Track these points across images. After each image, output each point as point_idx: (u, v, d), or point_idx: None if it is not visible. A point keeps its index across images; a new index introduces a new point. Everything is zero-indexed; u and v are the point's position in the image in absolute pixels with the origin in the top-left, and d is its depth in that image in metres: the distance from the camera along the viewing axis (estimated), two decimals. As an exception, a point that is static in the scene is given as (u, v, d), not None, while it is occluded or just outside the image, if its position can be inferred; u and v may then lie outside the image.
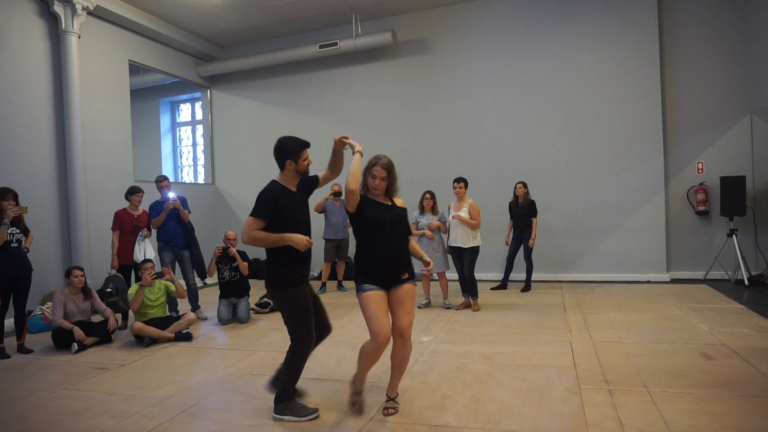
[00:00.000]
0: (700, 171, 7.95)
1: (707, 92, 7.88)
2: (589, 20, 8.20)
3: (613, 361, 4.19)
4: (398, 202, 3.37)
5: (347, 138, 3.24)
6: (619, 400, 3.37)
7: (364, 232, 3.25)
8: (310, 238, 3.29)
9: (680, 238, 8.06)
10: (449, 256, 6.58)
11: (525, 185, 7.55)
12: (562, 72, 8.36)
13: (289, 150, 3.30)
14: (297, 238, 3.18)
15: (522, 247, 7.55)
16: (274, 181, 3.35)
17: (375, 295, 3.16)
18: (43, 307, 6.32)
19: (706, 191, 7.82)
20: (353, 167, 3.14)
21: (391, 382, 3.38)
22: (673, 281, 7.83)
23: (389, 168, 3.24)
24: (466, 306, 6.48)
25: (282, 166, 3.34)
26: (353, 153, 3.19)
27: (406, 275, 3.25)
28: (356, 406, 3.35)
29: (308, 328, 3.30)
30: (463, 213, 6.32)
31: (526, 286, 7.58)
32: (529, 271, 7.59)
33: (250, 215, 3.21)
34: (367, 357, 3.24)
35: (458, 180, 6.48)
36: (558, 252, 8.38)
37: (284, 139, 3.35)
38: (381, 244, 3.19)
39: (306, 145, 3.35)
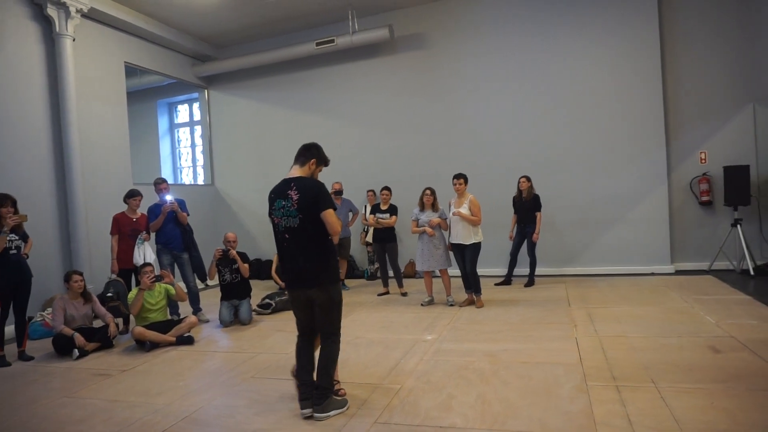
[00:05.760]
0: (703, 161, 7.87)
1: (709, 81, 7.78)
2: (588, 12, 8.09)
3: (619, 356, 4.13)
4: None
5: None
6: (627, 397, 3.31)
7: None
8: None
9: (684, 229, 7.98)
10: (451, 253, 6.52)
11: (528, 179, 7.49)
12: (562, 65, 8.27)
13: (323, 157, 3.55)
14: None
15: (526, 241, 7.50)
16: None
17: None
18: (43, 313, 6.27)
19: (710, 181, 7.74)
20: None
21: None
22: (678, 273, 7.75)
23: None
24: (470, 303, 6.43)
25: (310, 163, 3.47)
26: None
27: None
28: None
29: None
30: (464, 209, 6.24)
31: (530, 281, 7.52)
32: (533, 265, 7.54)
33: (330, 209, 3.29)
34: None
35: (458, 176, 6.41)
36: (561, 246, 8.31)
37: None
38: None
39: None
